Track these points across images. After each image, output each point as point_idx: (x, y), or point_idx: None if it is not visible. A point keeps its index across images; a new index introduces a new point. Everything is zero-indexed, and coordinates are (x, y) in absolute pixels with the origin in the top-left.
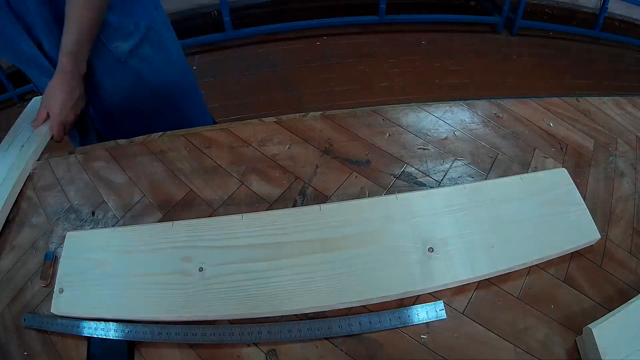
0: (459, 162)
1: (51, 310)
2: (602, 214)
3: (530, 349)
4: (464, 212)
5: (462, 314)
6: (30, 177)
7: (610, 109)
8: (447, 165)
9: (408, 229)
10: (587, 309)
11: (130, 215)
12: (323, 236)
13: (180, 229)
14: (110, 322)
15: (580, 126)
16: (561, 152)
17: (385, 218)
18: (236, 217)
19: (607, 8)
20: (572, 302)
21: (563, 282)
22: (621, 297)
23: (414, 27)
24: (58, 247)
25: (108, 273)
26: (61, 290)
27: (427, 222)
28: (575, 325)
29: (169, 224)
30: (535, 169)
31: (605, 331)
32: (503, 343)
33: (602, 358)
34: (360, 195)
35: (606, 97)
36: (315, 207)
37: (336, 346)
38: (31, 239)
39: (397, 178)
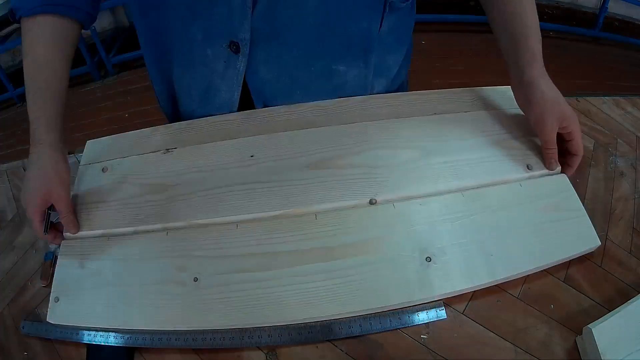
0: None
1: (47, 320)
2: (602, 214)
3: (530, 349)
4: (462, 220)
5: (462, 314)
6: None
7: (610, 109)
8: None
9: (406, 238)
10: (587, 309)
11: None
12: (319, 245)
13: (175, 237)
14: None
15: (580, 126)
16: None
17: (382, 226)
18: (231, 226)
19: (607, 8)
20: (572, 302)
21: (563, 282)
22: (621, 297)
23: (414, 27)
24: (57, 248)
25: (103, 282)
26: (57, 299)
27: (425, 230)
28: (575, 325)
29: (163, 232)
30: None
31: (605, 331)
32: (503, 343)
33: (602, 358)
34: None
35: (606, 97)
36: (311, 215)
37: (336, 346)
38: (31, 239)
39: None
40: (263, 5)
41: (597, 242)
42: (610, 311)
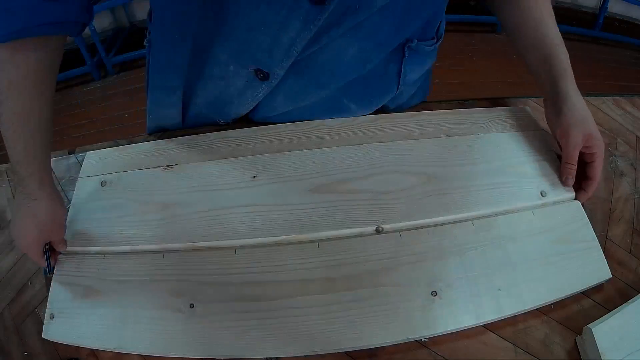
0: None
1: (42, 336)
2: (602, 214)
3: (530, 349)
4: (471, 251)
5: None
6: None
7: (610, 109)
8: None
9: (412, 270)
10: (587, 309)
11: None
12: (321, 275)
13: (171, 260)
14: None
15: None
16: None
17: (387, 257)
18: (230, 251)
19: (607, 8)
20: (572, 302)
21: None
22: (621, 297)
23: None
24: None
25: (98, 302)
26: (52, 317)
27: (432, 262)
28: (575, 325)
29: (160, 254)
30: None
31: (605, 331)
32: (503, 343)
33: (602, 358)
34: None
35: (606, 97)
36: (314, 243)
37: None
38: None
39: None
40: (305, 52)
41: (609, 275)
42: (610, 311)
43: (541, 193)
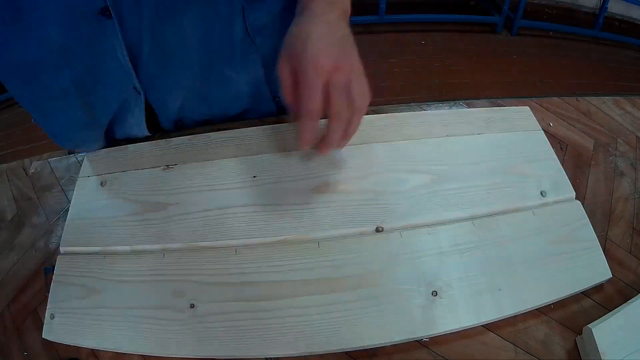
0: None
1: (43, 336)
2: (602, 214)
3: (530, 349)
4: (471, 251)
5: None
6: (30, 177)
7: (610, 109)
8: None
9: (412, 270)
10: (587, 309)
11: None
12: (321, 276)
13: (172, 260)
14: None
15: (581, 126)
16: (561, 152)
17: (388, 257)
18: (230, 251)
19: (607, 8)
20: (572, 302)
21: None
22: (621, 297)
23: (414, 27)
24: (57, 249)
25: (98, 302)
26: (52, 316)
27: (433, 262)
28: (575, 325)
29: (160, 253)
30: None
31: (605, 331)
32: (503, 343)
33: (602, 358)
34: None
35: (606, 97)
36: (314, 242)
37: None
38: (31, 239)
39: None
40: (148, 47)
41: (609, 275)
42: (610, 311)
43: (541, 193)
